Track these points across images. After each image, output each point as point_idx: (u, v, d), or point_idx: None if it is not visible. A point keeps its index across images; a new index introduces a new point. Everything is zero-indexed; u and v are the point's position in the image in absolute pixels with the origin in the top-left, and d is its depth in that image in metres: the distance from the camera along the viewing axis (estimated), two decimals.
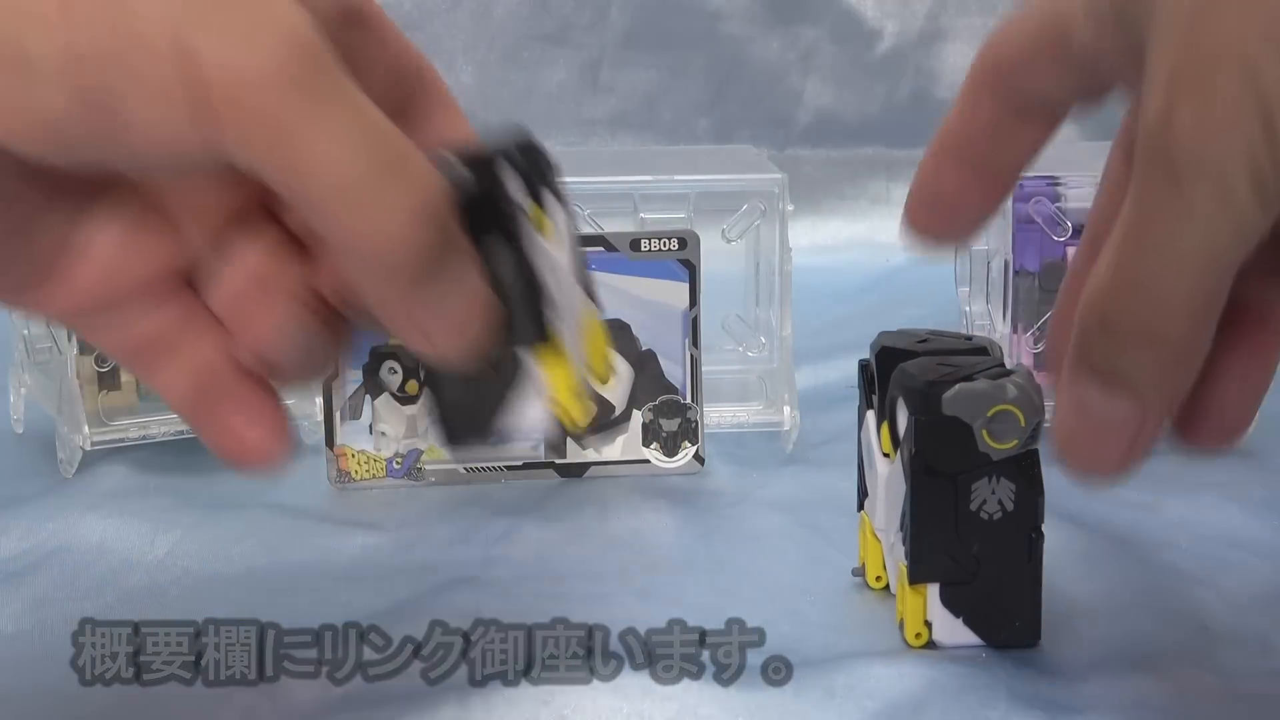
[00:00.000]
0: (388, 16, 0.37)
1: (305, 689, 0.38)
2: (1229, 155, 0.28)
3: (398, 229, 0.30)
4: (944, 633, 0.39)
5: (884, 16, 0.88)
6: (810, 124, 0.89)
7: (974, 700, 0.37)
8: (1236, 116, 0.27)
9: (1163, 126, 0.28)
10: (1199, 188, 0.28)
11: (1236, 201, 0.28)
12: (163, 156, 0.30)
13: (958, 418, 0.37)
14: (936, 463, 0.37)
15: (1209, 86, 0.27)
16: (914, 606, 0.39)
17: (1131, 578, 0.45)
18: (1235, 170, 0.28)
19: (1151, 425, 0.33)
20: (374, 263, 0.31)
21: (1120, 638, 0.41)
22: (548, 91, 0.87)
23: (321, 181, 0.29)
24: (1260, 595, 0.44)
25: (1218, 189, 0.28)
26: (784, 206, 0.58)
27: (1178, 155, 0.28)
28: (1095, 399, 0.33)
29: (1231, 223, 0.28)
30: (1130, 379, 0.32)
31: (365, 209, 0.30)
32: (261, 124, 0.29)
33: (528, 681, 0.38)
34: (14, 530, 0.49)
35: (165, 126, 0.29)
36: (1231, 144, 0.27)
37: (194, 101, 0.28)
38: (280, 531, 0.49)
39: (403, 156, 0.30)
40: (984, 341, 0.41)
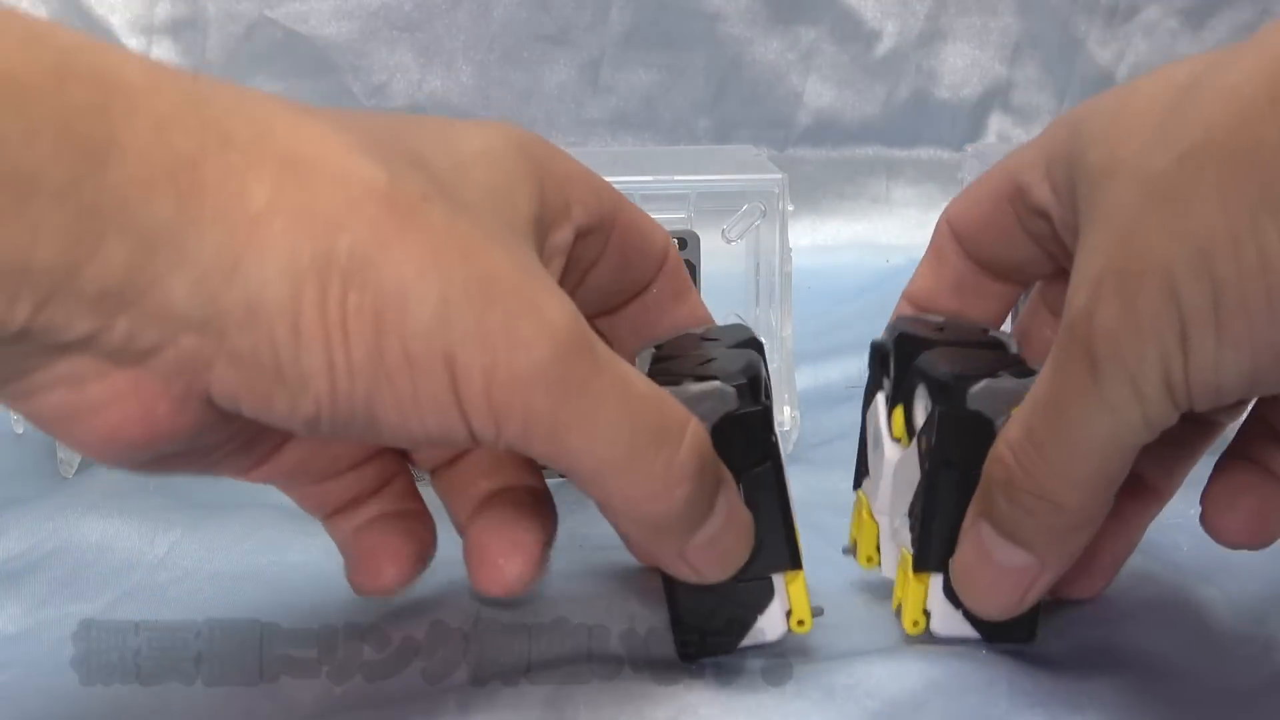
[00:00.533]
0: (634, 205, 0.40)
1: (305, 689, 0.38)
2: (1145, 358, 0.30)
3: (665, 494, 0.33)
4: (942, 623, 0.39)
5: (884, 16, 0.88)
6: (810, 124, 0.89)
7: (974, 700, 0.37)
8: (1155, 326, 0.29)
9: (1086, 319, 0.31)
10: (1114, 381, 0.30)
11: (1147, 398, 0.30)
12: (416, 443, 0.31)
13: (980, 413, 0.37)
14: (954, 455, 0.37)
15: (1133, 294, 0.30)
16: (915, 594, 0.39)
17: (1132, 578, 0.45)
18: (1149, 371, 0.30)
19: (1047, 576, 0.35)
20: (647, 525, 0.34)
21: (1121, 638, 0.41)
22: (548, 91, 0.87)
23: (590, 464, 0.32)
24: (1262, 595, 0.44)
25: (1131, 386, 0.30)
26: (784, 206, 0.58)
27: (1098, 349, 0.30)
28: (995, 546, 0.35)
29: (1140, 416, 0.31)
30: (1026, 538, 0.34)
31: (632, 482, 0.33)
32: (532, 423, 0.30)
33: (528, 682, 0.38)
34: (14, 530, 0.49)
35: (429, 427, 0.30)
36: (1148, 348, 0.30)
37: (466, 409, 0.30)
38: (280, 531, 0.49)
39: (664, 422, 0.33)
40: (1000, 336, 0.41)
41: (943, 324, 0.41)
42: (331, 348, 0.29)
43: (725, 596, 0.37)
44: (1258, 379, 0.29)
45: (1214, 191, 0.28)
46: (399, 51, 0.85)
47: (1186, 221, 0.29)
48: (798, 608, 0.38)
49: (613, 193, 0.39)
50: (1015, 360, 0.39)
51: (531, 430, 0.31)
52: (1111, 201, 0.31)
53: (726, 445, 0.36)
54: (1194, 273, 0.29)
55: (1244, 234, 0.28)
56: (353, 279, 0.29)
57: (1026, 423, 0.33)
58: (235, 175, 0.28)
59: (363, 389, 0.29)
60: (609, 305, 0.41)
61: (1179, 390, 0.30)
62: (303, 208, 0.28)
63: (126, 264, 0.27)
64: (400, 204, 0.29)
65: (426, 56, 0.85)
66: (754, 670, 0.38)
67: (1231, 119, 0.28)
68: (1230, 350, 0.29)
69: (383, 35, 0.84)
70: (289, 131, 0.29)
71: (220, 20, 0.83)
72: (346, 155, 0.29)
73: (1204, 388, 0.30)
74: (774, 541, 0.37)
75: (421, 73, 0.85)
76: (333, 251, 0.28)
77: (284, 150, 0.29)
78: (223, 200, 0.28)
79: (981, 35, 0.89)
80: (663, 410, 0.33)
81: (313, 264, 0.28)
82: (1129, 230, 0.30)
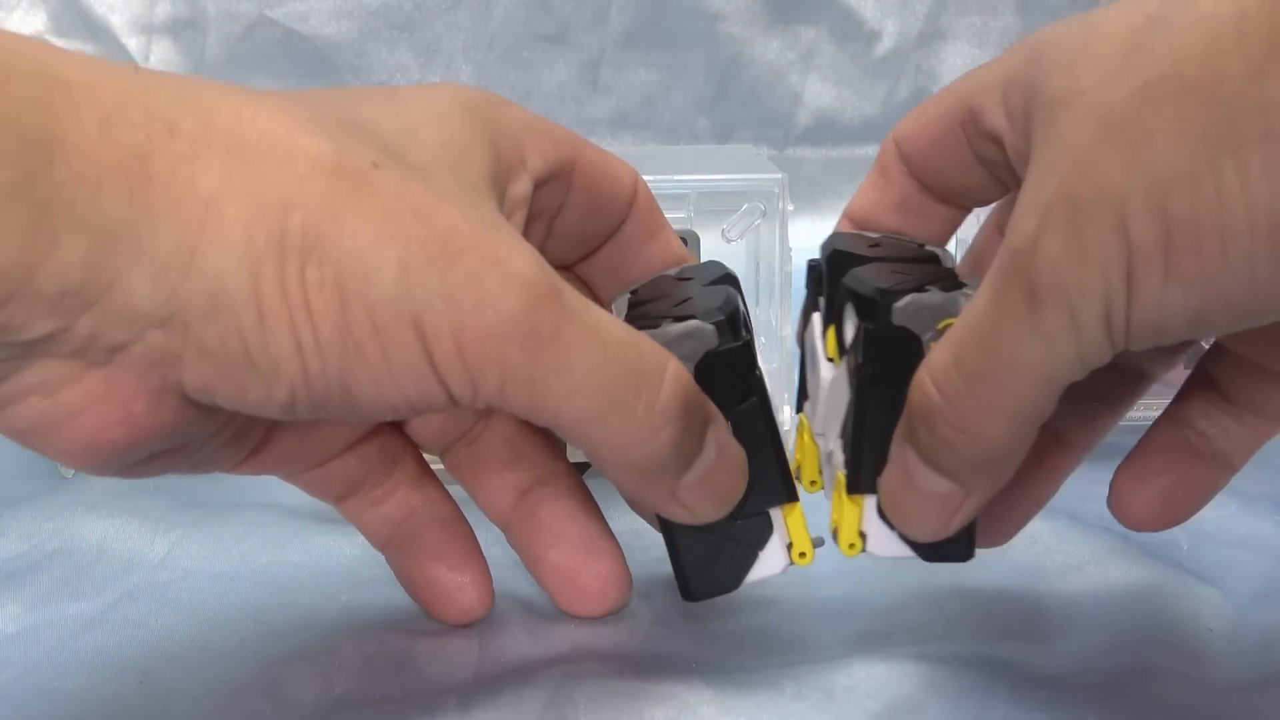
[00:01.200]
0: (596, 147, 0.39)
1: (305, 689, 0.38)
2: (1087, 290, 0.29)
3: (650, 439, 0.33)
4: (878, 544, 0.38)
5: (884, 16, 0.88)
6: (810, 124, 0.89)
7: (974, 701, 0.37)
8: (1101, 259, 0.29)
9: (1030, 246, 0.30)
10: (1052, 312, 0.30)
11: (1084, 333, 0.30)
12: (398, 414, 0.31)
13: (906, 328, 0.36)
14: (883, 373, 0.36)
15: (1082, 224, 0.29)
16: (850, 516, 0.38)
17: (1132, 577, 0.45)
18: (1090, 305, 0.29)
19: (970, 505, 0.35)
20: (635, 470, 0.34)
21: (1121, 638, 0.41)
22: (548, 91, 0.87)
23: (571, 414, 0.31)
24: (1262, 594, 0.44)
25: (1070, 318, 0.30)
26: (784, 206, 0.58)
27: (1039, 278, 0.30)
28: (919, 472, 0.35)
29: (1074, 350, 0.30)
30: (949, 468, 0.34)
31: (615, 430, 0.32)
32: (508, 378, 0.30)
33: (528, 682, 0.38)
34: (14, 530, 0.49)
35: (408, 394, 0.30)
36: (1092, 281, 0.29)
37: (441, 371, 0.30)
38: (280, 531, 0.49)
39: (642, 366, 0.32)
40: (936, 249, 0.39)
41: (878, 240, 0.40)
42: (298, 328, 0.29)
43: (725, 535, 0.37)
44: (1202, 320, 0.29)
45: (1175, 125, 0.28)
46: (399, 51, 0.85)
47: (1144, 154, 0.28)
48: (798, 539, 0.38)
49: (571, 138, 0.38)
50: (948, 274, 0.38)
51: (508, 385, 0.30)
52: (1067, 128, 0.30)
53: (711, 384, 0.36)
54: (1147, 207, 0.28)
55: (1202, 171, 0.27)
56: (310, 255, 0.29)
57: (955, 350, 0.32)
58: (183, 164, 0.28)
59: (334, 365, 0.29)
60: (583, 251, 0.41)
61: (1118, 327, 0.29)
62: (253, 190, 0.28)
63: (83, 262, 0.27)
64: (350, 174, 0.29)
65: (426, 56, 0.85)
66: (754, 670, 0.38)
67: (1198, 53, 0.28)
68: (1177, 289, 0.28)
69: (383, 35, 0.84)
70: (233, 115, 0.29)
71: (220, 20, 0.83)
72: (291, 132, 0.29)
73: (1145, 326, 0.29)
74: (767, 475, 0.37)
75: (421, 73, 0.85)
76: (286, 230, 0.28)
77: (230, 135, 0.29)
78: (173, 191, 0.28)
79: (981, 35, 0.89)
80: (641, 354, 0.32)
81: (268, 245, 0.28)
82: (1083, 158, 0.29)
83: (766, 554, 0.38)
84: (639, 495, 0.36)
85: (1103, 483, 0.39)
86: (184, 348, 0.29)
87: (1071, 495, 0.41)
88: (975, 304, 0.32)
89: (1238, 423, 0.37)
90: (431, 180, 0.31)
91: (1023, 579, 0.45)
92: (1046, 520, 0.43)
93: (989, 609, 0.43)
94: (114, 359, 0.29)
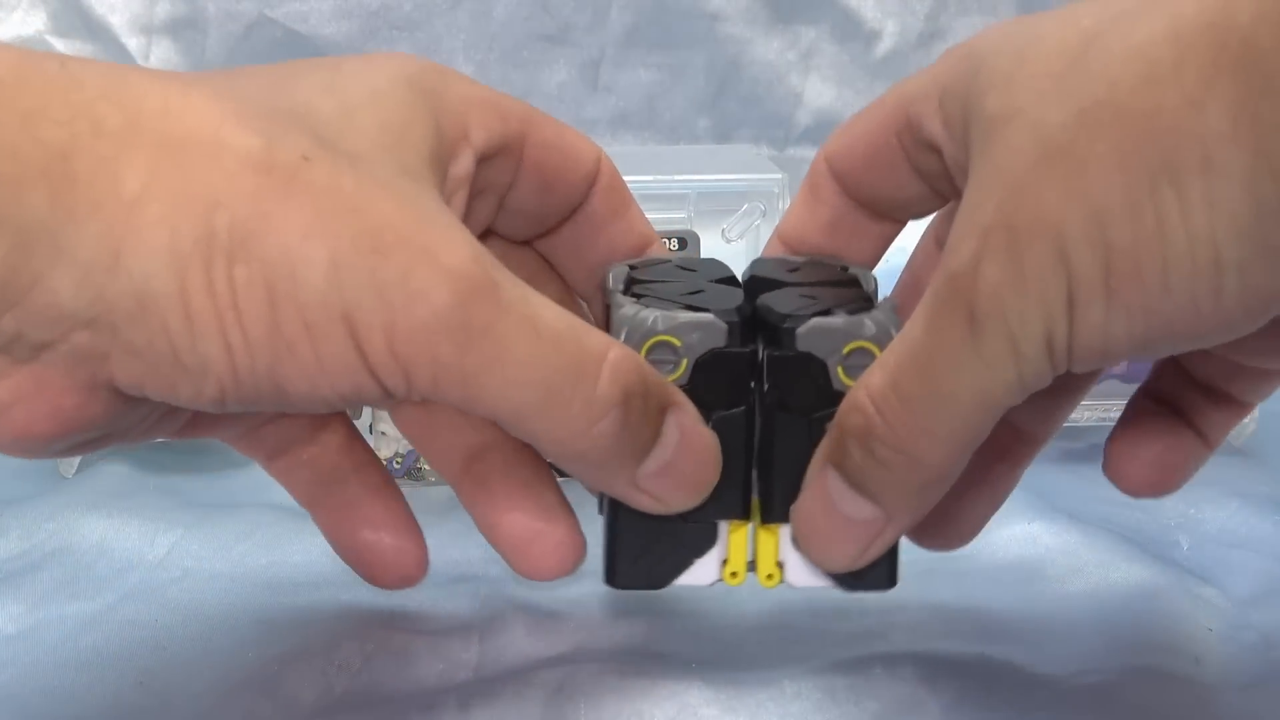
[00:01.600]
0: (555, 121, 0.38)
1: (305, 689, 0.38)
2: (1028, 318, 0.29)
3: (588, 430, 0.32)
4: (797, 574, 0.37)
5: (884, 16, 0.88)
6: (810, 124, 0.89)
7: (974, 701, 0.37)
8: (1041, 286, 0.29)
9: (970, 271, 0.30)
10: (993, 338, 0.29)
11: (1025, 358, 0.29)
12: (332, 407, 0.31)
13: (811, 354, 0.36)
14: (790, 399, 0.36)
15: (1021, 252, 0.29)
16: (766, 547, 0.37)
17: (1132, 577, 0.45)
18: (1031, 332, 0.29)
19: (892, 532, 0.34)
20: (582, 462, 0.33)
21: (1121, 638, 0.41)
22: (548, 91, 0.87)
23: (508, 407, 0.31)
24: (1262, 594, 0.44)
25: (1010, 344, 0.29)
26: (784, 206, 0.58)
27: (979, 303, 0.29)
28: (841, 497, 0.34)
29: (1015, 375, 0.30)
30: (878, 491, 0.33)
31: (553, 422, 0.32)
32: (441, 372, 0.30)
33: (528, 681, 0.38)
34: (14, 530, 0.49)
35: (341, 390, 0.30)
36: (1032, 309, 0.29)
37: (373, 367, 0.30)
38: (280, 531, 0.49)
39: (580, 356, 0.32)
40: (858, 272, 0.39)
41: (800, 264, 0.40)
42: (226, 328, 0.28)
43: (668, 533, 0.36)
44: (1146, 345, 0.29)
45: (1112, 154, 0.28)
46: (399, 51, 0.85)
47: (1082, 182, 0.28)
48: (734, 558, 0.37)
49: (523, 111, 0.37)
50: (861, 297, 0.37)
51: (442, 380, 0.30)
52: (1005, 151, 0.30)
53: (708, 380, 0.35)
54: (1086, 237, 0.28)
55: (1142, 201, 0.27)
56: (238, 255, 0.28)
57: (893, 372, 0.32)
58: (107, 164, 0.28)
59: (265, 363, 0.29)
60: (541, 228, 0.40)
61: (1060, 353, 0.29)
62: (178, 190, 0.28)
63: (4, 260, 0.27)
64: (279, 169, 0.29)
65: (426, 56, 0.85)
66: (754, 671, 0.38)
67: (1134, 79, 0.28)
68: (1121, 317, 0.28)
69: (383, 35, 0.84)
70: (161, 110, 0.29)
71: (220, 20, 0.83)
72: (221, 126, 0.29)
73: (1087, 351, 0.29)
74: (729, 488, 0.36)
75: None
76: (213, 230, 0.28)
77: (156, 132, 0.28)
78: (97, 191, 0.28)
79: None
80: (580, 344, 0.32)
81: (195, 246, 0.28)
82: (1021, 185, 0.29)
83: (701, 563, 0.37)
84: (598, 486, 0.35)
85: (1102, 483, 0.39)
86: (111, 347, 0.28)
87: (1071, 495, 0.41)
88: (913, 325, 0.31)
89: (1211, 404, 0.37)
90: (365, 169, 0.30)
91: (1023, 579, 0.45)
92: (1046, 520, 0.43)
93: (989, 609, 0.43)
94: (40, 356, 0.29)
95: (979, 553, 0.47)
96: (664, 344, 0.36)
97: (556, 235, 0.40)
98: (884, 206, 0.39)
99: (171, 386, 0.29)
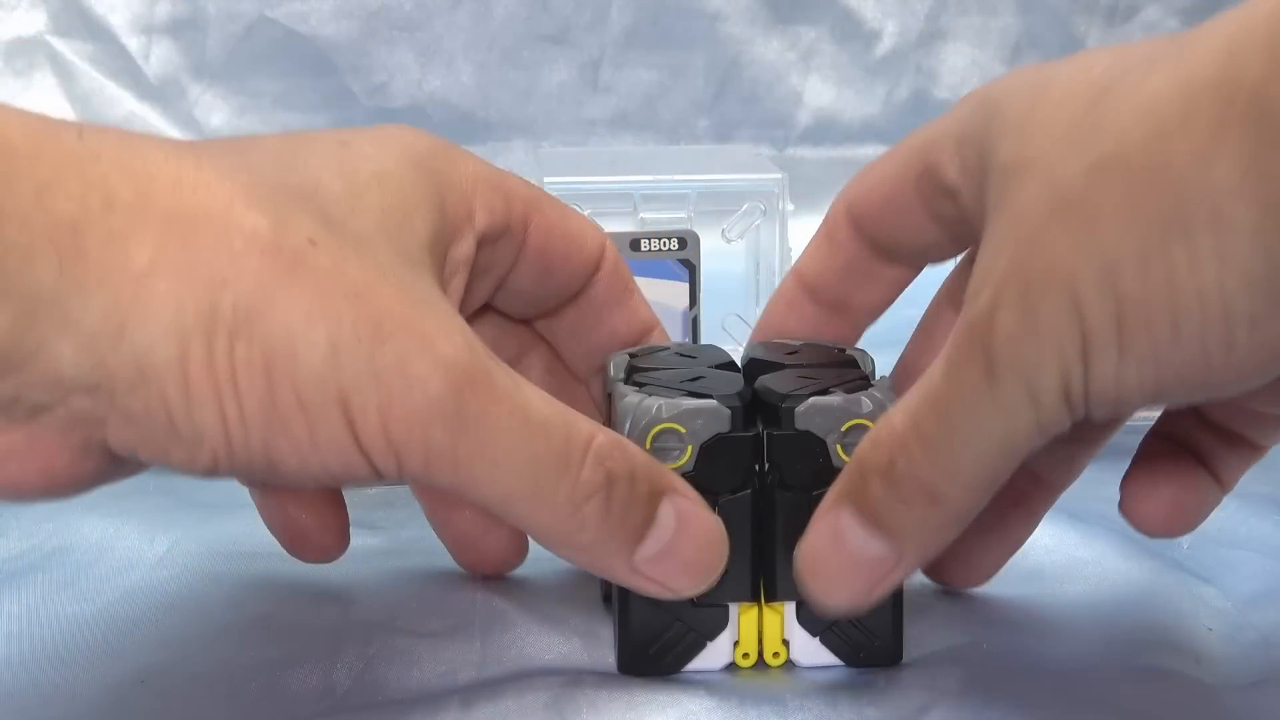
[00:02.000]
0: (561, 205, 0.39)
1: (307, 689, 0.38)
2: (1043, 366, 0.29)
3: (572, 515, 0.32)
4: (802, 652, 0.38)
5: (884, 16, 0.88)
6: (810, 124, 0.89)
7: (975, 702, 0.37)
8: (1056, 336, 0.29)
9: (987, 320, 0.30)
10: (1009, 385, 0.30)
11: (1042, 406, 0.30)
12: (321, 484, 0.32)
13: (810, 432, 0.36)
14: (790, 477, 0.37)
15: (1035, 302, 0.29)
16: (772, 625, 0.38)
17: (1132, 577, 0.45)
18: (1047, 380, 0.29)
19: (900, 571, 0.34)
20: (572, 548, 0.34)
21: (1121, 638, 0.41)
22: (548, 91, 0.87)
23: (496, 493, 0.32)
24: (1262, 594, 0.44)
25: (1027, 391, 0.30)
26: (784, 206, 0.58)
27: (996, 351, 0.30)
28: (853, 533, 0.34)
29: (1034, 422, 0.30)
30: (895, 527, 0.33)
31: (540, 508, 0.32)
32: (433, 457, 0.31)
33: (530, 685, 0.38)
34: (14, 530, 0.49)
35: (331, 468, 0.30)
36: (1048, 357, 0.29)
37: (366, 448, 0.30)
38: None
39: (567, 444, 0.32)
40: (855, 353, 0.40)
41: (797, 347, 0.41)
42: (223, 401, 0.29)
43: (679, 618, 0.37)
44: (1160, 393, 0.29)
45: (1123, 207, 0.28)
46: (399, 51, 0.85)
47: (1094, 234, 0.28)
48: (745, 640, 0.38)
49: (528, 194, 0.38)
50: (859, 377, 0.38)
51: (433, 464, 0.31)
52: (1019, 201, 0.30)
53: (712, 465, 0.36)
54: (1098, 288, 0.28)
55: (1152, 253, 0.28)
56: (240, 332, 0.29)
57: (914, 415, 0.32)
58: (117, 239, 0.28)
59: (259, 438, 0.30)
60: (541, 309, 0.41)
61: (1077, 400, 0.30)
62: (186, 266, 0.29)
63: (9, 329, 0.27)
64: (285, 252, 0.30)
65: (426, 56, 0.85)
66: (755, 677, 0.38)
67: (1143, 133, 0.28)
68: (1133, 366, 0.29)
69: (383, 35, 0.84)
70: (172, 187, 0.29)
71: (220, 20, 0.83)
72: (230, 206, 0.30)
73: (1103, 398, 0.29)
74: (738, 570, 0.37)
75: (421, 73, 0.85)
76: (217, 307, 0.29)
77: (167, 208, 0.29)
78: (105, 264, 0.28)
79: (981, 35, 0.89)
80: (568, 431, 0.32)
81: (198, 321, 0.29)
82: (1034, 237, 0.30)
83: (714, 646, 0.38)
84: (599, 572, 0.36)
85: (1102, 483, 0.39)
86: (109, 412, 0.29)
87: (1071, 495, 0.41)
88: (934, 371, 0.32)
89: (1225, 446, 0.38)
90: (368, 254, 0.31)
91: (1023, 579, 0.45)
92: (1046, 520, 0.43)
93: (989, 609, 0.43)
94: (37, 418, 0.29)
95: None
96: (669, 431, 0.36)
97: (560, 317, 0.41)
98: (900, 252, 0.39)
99: (165, 453, 0.30)
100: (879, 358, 0.41)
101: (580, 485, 0.32)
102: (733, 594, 0.37)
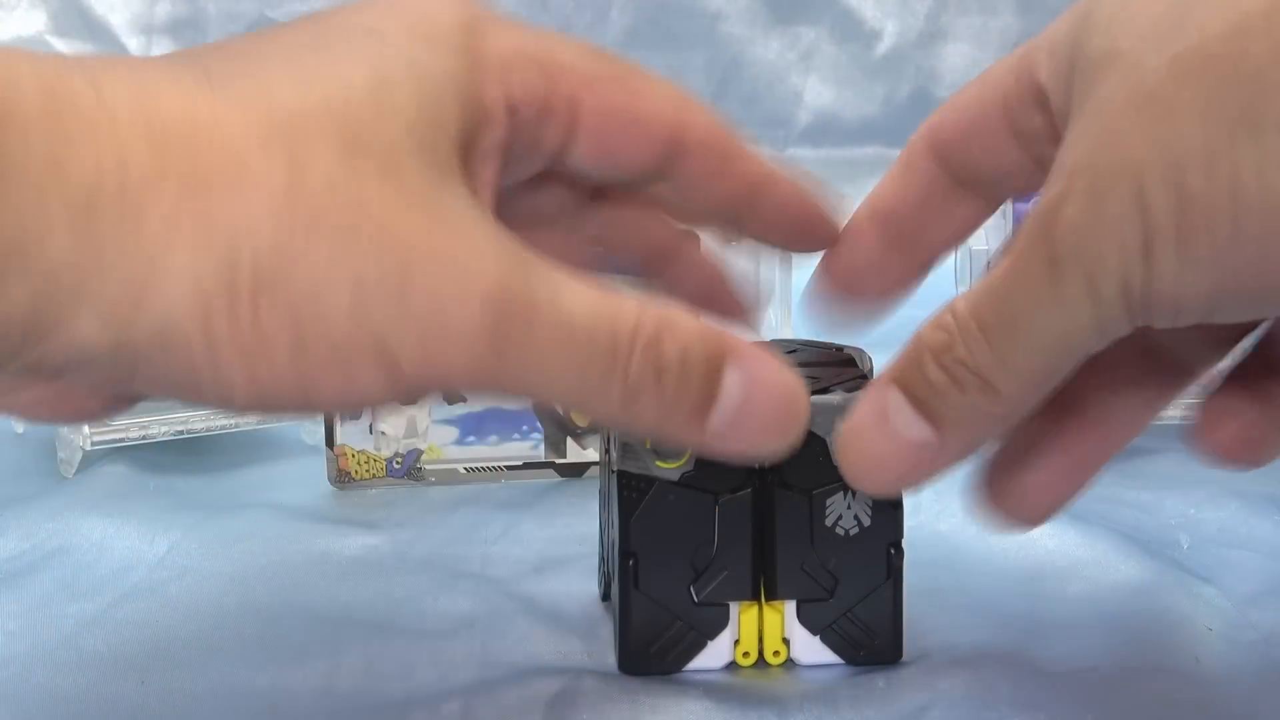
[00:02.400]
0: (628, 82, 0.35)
1: (307, 690, 0.38)
2: (1105, 260, 0.29)
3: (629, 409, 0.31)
4: (803, 651, 0.38)
5: (884, 16, 0.88)
6: (810, 124, 0.89)
7: (975, 701, 0.37)
8: (1119, 229, 0.29)
9: (1054, 210, 0.30)
10: (1070, 277, 0.30)
11: (1101, 300, 0.29)
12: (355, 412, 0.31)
13: (811, 431, 0.36)
14: (790, 476, 0.37)
15: (1102, 194, 0.29)
16: (771, 623, 0.38)
17: (1132, 577, 0.45)
18: (1107, 273, 0.29)
19: (939, 461, 0.33)
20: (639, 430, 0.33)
21: (1121, 638, 0.41)
22: None
23: (549, 398, 0.31)
24: (1262, 593, 0.44)
25: (1088, 284, 0.29)
26: None
27: (1060, 241, 0.30)
28: (899, 414, 0.33)
29: (1092, 317, 0.30)
30: (942, 413, 0.32)
31: (595, 409, 0.32)
32: (477, 377, 0.30)
33: (530, 686, 0.38)
34: (14, 530, 0.49)
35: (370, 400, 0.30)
36: (1109, 250, 0.29)
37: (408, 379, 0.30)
38: (280, 531, 0.49)
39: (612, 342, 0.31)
40: (853, 352, 0.40)
41: (796, 347, 0.41)
42: (253, 361, 0.29)
43: (681, 616, 0.38)
44: (1216, 302, 0.29)
45: (1197, 101, 0.28)
46: None
47: (1166, 128, 0.28)
48: (745, 639, 0.38)
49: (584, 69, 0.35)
50: (858, 375, 0.38)
51: (478, 384, 0.30)
52: (1101, 94, 0.30)
53: (711, 464, 0.37)
54: (1164, 184, 0.28)
55: (1220, 150, 0.27)
56: (262, 290, 0.28)
57: (975, 302, 0.32)
58: (133, 205, 0.28)
59: (293, 387, 0.29)
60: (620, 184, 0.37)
61: (1135, 299, 0.29)
62: (202, 225, 0.28)
63: (28, 306, 0.27)
64: (303, 195, 0.29)
65: None
66: (755, 680, 0.38)
67: (1226, 28, 0.28)
68: (1191, 269, 0.28)
69: None
70: (188, 137, 0.29)
71: (220, 20, 0.83)
72: (246, 152, 0.29)
73: (1162, 300, 0.29)
74: (739, 569, 0.37)
75: None
76: (237, 263, 0.28)
77: (181, 164, 0.28)
78: (122, 230, 0.28)
79: (981, 35, 0.89)
80: (613, 327, 0.31)
81: (218, 285, 0.28)
82: (1110, 127, 0.29)
83: (714, 645, 0.38)
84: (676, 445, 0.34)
85: (1103, 482, 0.39)
86: (134, 374, 0.29)
87: None
88: (999, 262, 0.31)
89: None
90: (392, 173, 0.30)
91: (1023, 579, 0.45)
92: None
93: (989, 609, 0.43)
94: (63, 377, 0.29)
95: (980, 553, 0.47)
96: None
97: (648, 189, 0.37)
98: (981, 180, 0.38)
99: (195, 399, 0.30)
100: (879, 358, 0.41)
101: (630, 383, 0.31)
102: (733, 593, 0.38)
